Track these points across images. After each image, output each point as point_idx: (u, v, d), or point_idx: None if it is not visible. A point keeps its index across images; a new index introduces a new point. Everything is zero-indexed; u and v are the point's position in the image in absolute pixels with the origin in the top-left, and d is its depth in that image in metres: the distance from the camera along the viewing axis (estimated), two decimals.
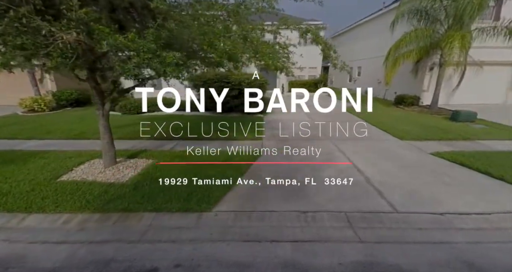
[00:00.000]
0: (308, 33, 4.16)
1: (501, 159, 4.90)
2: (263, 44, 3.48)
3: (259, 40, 3.44)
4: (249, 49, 3.25)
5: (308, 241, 2.77)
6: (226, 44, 3.11)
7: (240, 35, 3.44)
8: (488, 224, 3.07)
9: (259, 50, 3.44)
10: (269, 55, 3.59)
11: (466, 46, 8.31)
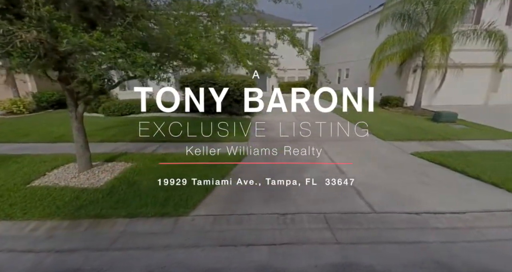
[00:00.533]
0: (284, 34, 4.14)
1: (478, 158, 5.04)
2: (242, 45, 3.43)
3: (237, 41, 3.39)
4: (226, 50, 3.19)
5: (285, 244, 2.73)
6: (203, 45, 3.05)
7: (219, 36, 3.38)
8: (462, 223, 3.13)
9: (238, 50, 3.40)
10: (248, 56, 3.55)
11: (446, 49, 8.58)
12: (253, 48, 3.76)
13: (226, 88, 9.10)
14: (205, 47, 3.14)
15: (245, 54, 3.47)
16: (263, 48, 4.32)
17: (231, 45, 3.37)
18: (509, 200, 3.57)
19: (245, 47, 3.42)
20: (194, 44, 3.09)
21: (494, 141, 6.52)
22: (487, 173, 4.28)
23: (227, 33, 3.37)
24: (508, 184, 3.89)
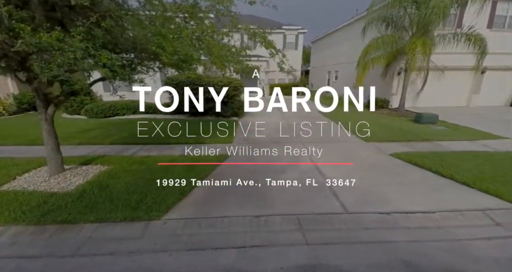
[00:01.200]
0: (255, 36, 4.14)
1: (453, 158, 5.18)
2: (216, 47, 3.41)
3: (211, 42, 3.37)
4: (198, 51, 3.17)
5: (255, 247, 2.72)
6: (176, 46, 3.02)
7: (192, 37, 3.36)
8: (431, 222, 3.19)
9: (212, 52, 3.37)
10: (223, 57, 3.52)
11: (427, 52, 8.82)
12: (227, 49, 3.73)
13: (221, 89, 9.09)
14: (177, 48, 3.11)
15: (219, 56, 3.44)
16: (239, 50, 4.31)
17: (204, 46, 3.35)
18: (479, 200, 3.67)
19: (219, 49, 3.40)
20: (166, 45, 3.05)
21: (471, 141, 6.72)
22: (460, 173, 4.39)
23: (201, 35, 3.35)
24: (480, 184, 4.00)
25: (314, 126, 8.80)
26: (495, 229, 3.05)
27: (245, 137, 7.27)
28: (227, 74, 5.10)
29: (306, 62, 35.53)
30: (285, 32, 21.50)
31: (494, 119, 9.71)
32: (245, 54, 4.47)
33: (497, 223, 3.15)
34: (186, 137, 6.82)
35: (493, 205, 3.52)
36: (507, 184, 3.97)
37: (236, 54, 3.96)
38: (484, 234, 2.94)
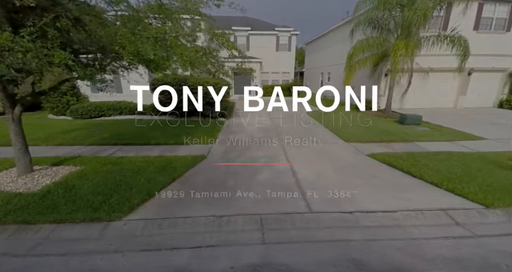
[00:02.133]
0: (216, 38, 4.15)
1: (427, 159, 5.23)
2: (180, 47, 3.42)
3: (173, 42, 3.37)
4: (160, 51, 3.18)
5: (211, 247, 2.72)
6: (138, 46, 3.03)
7: (157, 38, 3.37)
8: (391, 221, 3.22)
9: (175, 53, 3.38)
10: (190, 58, 3.52)
11: (409, 54, 8.92)
12: (195, 50, 3.72)
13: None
14: (139, 48, 3.13)
15: (182, 57, 3.43)
16: (205, 52, 4.28)
17: (169, 47, 3.36)
18: (444, 200, 3.71)
19: (183, 50, 3.41)
20: (127, 45, 3.07)
21: (450, 142, 6.79)
22: (430, 173, 4.44)
23: (164, 35, 3.36)
24: (448, 184, 4.05)
25: (298, 127, 8.86)
26: (454, 228, 3.09)
27: (227, 138, 7.27)
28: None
29: (302, 64, 35.76)
30: (278, 34, 21.62)
31: (478, 121, 9.82)
32: (214, 56, 4.43)
33: (457, 222, 3.19)
34: (168, 138, 6.81)
35: (457, 205, 3.56)
36: (474, 184, 4.02)
37: (203, 56, 3.94)
38: (442, 233, 2.97)
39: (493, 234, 2.95)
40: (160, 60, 3.29)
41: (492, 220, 3.23)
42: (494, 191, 3.78)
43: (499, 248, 2.69)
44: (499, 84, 13.85)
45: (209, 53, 4.25)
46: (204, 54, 3.89)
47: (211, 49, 4.48)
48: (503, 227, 3.10)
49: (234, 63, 21.15)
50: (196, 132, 7.60)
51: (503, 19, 12.77)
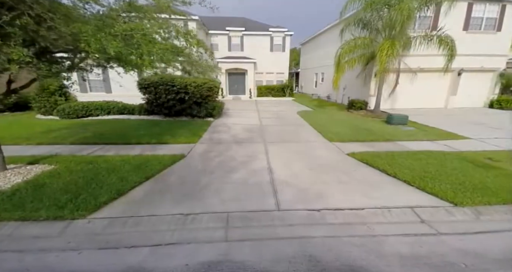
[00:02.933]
0: (180, 35, 4.10)
1: (404, 158, 5.24)
2: (148, 44, 3.39)
3: (139, 39, 3.34)
4: (125, 48, 3.16)
5: (171, 244, 2.72)
6: (104, 43, 3.03)
7: (126, 35, 3.36)
8: (357, 219, 3.22)
9: (143, 50, 3.36)
10: (157, 55, 3.50)
11: (394, 54, 8.94)
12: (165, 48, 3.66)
13: (185, 91, 9.09)
14: (105, 45, 3.12)
15: (148, 54, 3.40)
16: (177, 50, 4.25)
17: (135, 44, 3.34)
18: (413, 197, 3.72)
19: (151, 47, 3.39)
20: (92, 43, 3.06)
21: (433, 142, 6.81)
22: (405, 171, 4.46)
23: (130, 32, 3.34)
24: (419, 182, 4.06)
25: (284, 127, 8.87)
26: (417, 226, 3.09)
27: (211, 137, 7.27)
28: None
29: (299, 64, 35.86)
30: (272, 34, 21.66)
31: (466, 120, 9.86)
32: (181, 53, 4.33)
33: (422, 220, 3.20)
34: (151, 137, 6.79)
35: (426, 202, 3.57)
36: (446, 182, 4.04)
37: (170, 52, 3.85)
38: (404, 230, 2.98)
39: (456, 232, 2.95)
40: (127, 57, 3.28)
41: (458, 218, 3.23)
42: (465, 190, 3.79)
43: (460, 247, 2.69)
44: (490, 84, 13.91)
45: (175, 50, 4.16)
46: (170, 52, 3.80)
47: (181, 48, 4.41)
48: (468, 225, 3.10)
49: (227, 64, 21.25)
50: (181, 131, 7.60)
51: (493, 18, 12.82)
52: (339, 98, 16.94)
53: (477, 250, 2.62)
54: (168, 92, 8.99)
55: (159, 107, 9.43)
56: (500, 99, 13.54)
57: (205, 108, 9.58)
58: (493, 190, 3.79)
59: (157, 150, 5.85)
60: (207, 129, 8.18)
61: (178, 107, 9.36)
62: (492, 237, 2.87)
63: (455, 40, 11.91)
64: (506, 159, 5.26)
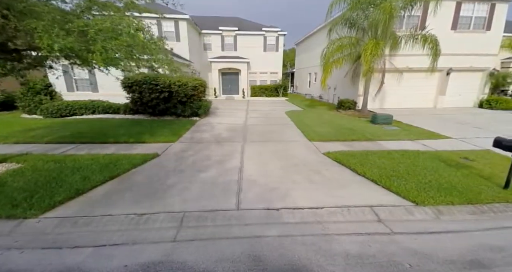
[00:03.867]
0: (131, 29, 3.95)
1: (378, 157, 5.20)
2: (103, 40, 3.32)
3: (93, 35, 3.28)
4: (79, 44, 3.11)
5: (116, 245, 2.66)
6: (52, 39, 2.97)
7: (83, 30, 3.30)
8: (314, 218, 3.18)
9: (96, 47, 3.29)
10: (112, 52, 3.41)
11: (379, 54, 8.91)
12: (116, 44, 3.52)
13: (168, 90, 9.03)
14: (55, 41, 3.06)
15: (100, 50, 3.30)
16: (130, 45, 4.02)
17: (90, 40, 3.29)
18: (377, 196, 3.67)
19: (106, 43, 3.32)
20: (44, 38, 3.01)
21: (413, 141, 6.77)
22: (374, 171, 4.42)
23: (88, 28, 3.28)
24: (386, 181, 4.02)
25: (269, 126, 8.83)
26: (374, 225, 3.05)
27: (192, 136, 7.21)
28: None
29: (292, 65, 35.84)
30: (265, 34, 21.63)
31: (452, 120, 9.83)
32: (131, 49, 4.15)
33: (380, 219, 3.16)
34: (129, 136, 6.73)
35: (387, 201, 3.53)
36: (412, 181, 4.00)
37: (126, 48, 3.70)
38: (359, 230, 2.93)
39: (411, 232, 2.91)
40: (83, 54, 3.22)
41: (417, 218, 3.20)
42: (429, 189, 3.76)
43: (411, 246, 2.65)
44: (480, 84, 13.89)
45: (136, 47, 4.03)
46: (126, 47, 3.68)
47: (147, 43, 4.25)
48: (425, 225, 3.06)
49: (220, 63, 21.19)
50: (162, 130, 7.54)
51: (482, 18, 12.78)
52: (330, 98, 16.90)
53: (428, 250, 2.58)
54: (151, 91, 8.93)
55: (143, 106, 9.37)
56: (490, 98, 13.52)
57: (190, 107, 9.52)
58: (459, 189, 3.75)
59: (132, 149, 5.80)
60: (189, 128, 8.13)
61: (162, 106, 9.30)
62: (447, 237, 2.83)
63: (443, 39, 11.91)
64: (481, 158, 5.23)
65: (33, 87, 10.30)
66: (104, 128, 7.61)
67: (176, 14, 16.28)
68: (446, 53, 12.64)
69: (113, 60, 3.54)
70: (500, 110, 12.74)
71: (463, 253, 2.54)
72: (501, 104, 12.99)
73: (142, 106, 9.36)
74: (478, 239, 2.77)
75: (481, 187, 3.81)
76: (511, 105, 12.93)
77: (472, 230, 2.94)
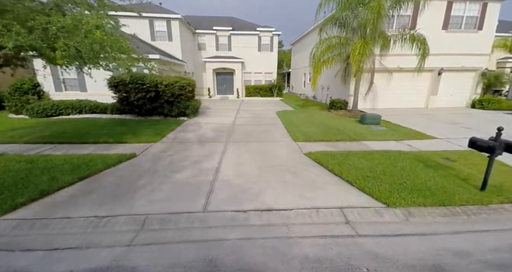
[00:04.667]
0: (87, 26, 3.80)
1: (358, 157, 5.11)
2: (65, 38, 3.23)
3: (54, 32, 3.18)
4: (38, 42, 3.02)
5: (68, 249, 2.57)
6: (10, 37, 2.88)
7: (47, 28, 3.21)
8: (281, 220, 3.09)
9: (58, 45, 3.19)
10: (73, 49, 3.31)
11: (367, 53, 8.84)
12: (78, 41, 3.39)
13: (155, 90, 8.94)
14: (21, 39, 2.97)
15: (60, 48, 3.20)
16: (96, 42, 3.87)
17: (52, 38, 3.20)
18: (349, 198, 3.59)
19: (68, 40, 3.22)
20: (5, 35, 2.92)
21: (398, 141, 6.70)
22: (351, 171, 4.34)
23: (50, 25, 3.19)
24: (360, 182, 3.95)
25: (257, 126, 8.74)
26: (340, 227, 2.97)
27: (175, 136, 7.12)
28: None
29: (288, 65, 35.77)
30: (260, 34, 21.55)
31: (442, 120, 9.76)
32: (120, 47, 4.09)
33: (348, 221, 3.08)
34: (110, 136, 6.63)
35: (358, 203, 3.45)
36: (386, 182, 3.92)
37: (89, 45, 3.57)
38: (323, 232, 2.85)
39: (376, 234, 2.83)
40: (45, 52, 3.14)
41: (386, 220, 3.12)
42: (403, 190, 3.68)
43: (373, 250, 2.57)
44: (472, 84, 13.83)
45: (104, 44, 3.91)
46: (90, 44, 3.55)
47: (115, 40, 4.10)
48: (392, 227, 2.98)
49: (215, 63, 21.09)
50: (146, 130, 7.44)
51: (474, 17, 12.72)
52: (324, 98, 16.85)
53: (390, 254, 2.50)
54: (138, 91, 8.84)
55: (130, 106, 9.27)
56: (482, 99, 13.47)
57: (177, 107, 9.43)
58: (433, 190, 3.68)
59: (111, 149, 5.71)
60: (175, 128, 8.03)
61: (149, 106, 9.20)
62: (412, 240, 2.75)
63: (434, 39, 11.90)
64: (463, 159, 5.15)
65: (20, 87, 10.19)
66: (87, 128, 7.51)
67: (168, 13, 16.22)
68: (438, 53, 12.64)
69: (75, 58, 3.44)
70: (492, 110, 12.69)
71: (426, 257, 2.46)
72: (493, 104, 12.94)
73: (129, 105, 9.27)
74: (445, 243, 2.69)
75: (456, 189, 3.74)
76: (503, 105, 12.90)
77: (440, 233, 2.86)
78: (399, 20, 11.50)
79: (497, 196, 3.58)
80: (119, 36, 3.95)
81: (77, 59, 3.47)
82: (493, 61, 20.74)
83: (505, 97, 16.18)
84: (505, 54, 18.48)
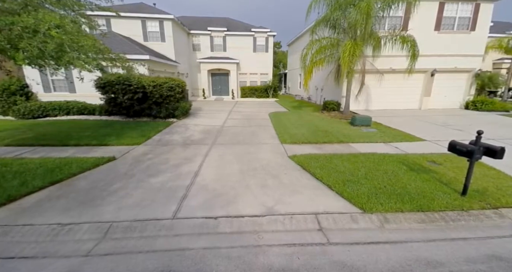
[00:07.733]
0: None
1: (341, 160, 5.02)
2: (30, 39, 3.11)
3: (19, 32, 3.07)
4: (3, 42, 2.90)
5: (24, 258, 2.45)
6: None
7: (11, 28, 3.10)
8: (252, 227, 2.98)
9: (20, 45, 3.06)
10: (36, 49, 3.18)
11: (357, 54, 8.76)
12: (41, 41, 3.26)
13: (143, 91, 8.82)
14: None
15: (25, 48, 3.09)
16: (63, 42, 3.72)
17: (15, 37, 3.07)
18: (326, 203, 3.48)
19: (31, 41, 3.10)
20: None
21: (386, 144, 6.60)
22: (332, 175, 4.24)
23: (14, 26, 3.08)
24: (339, 187, 3.84)
25: (246, 128, 8.63)
26: (311, 234, 2.85)
27: (160, 139, 7.00)
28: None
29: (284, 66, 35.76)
30: (255, 35, 21.49)
31: (434, 122, 9.68)
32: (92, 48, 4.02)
33: (321, 228, 2.97)
34: (93, 139, 6.50)
35: (335, 208, 3.34)
36: (366, 187, 3.82)
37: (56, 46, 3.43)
38: (293, 240, 2.74)
39: (348, 242, 2.72)
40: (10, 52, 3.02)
41: (360, 227, 3.01)
42: (381, 195, 3.58)
43: (341, 259, 2.45)
44: (465, 85, 13.78)
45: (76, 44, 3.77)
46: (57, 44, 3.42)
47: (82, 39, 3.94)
48: (365, 234, 2.87)
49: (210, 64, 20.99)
50: (131, 132, 7.32)
51: (466, 18, 12.66)
52: (318, 99, 16.77)
53: (358, 264, 2.39)
54: (125, 92, 8.71)
55: (118, 107, 9.15)
56: (476, 100, 13.41)
57: (165, 108, 9.31)
58: (412, 195, 3.57)
59: (91, 152, 5.58)
60: (161, 130, 7.91)
61: (137, 107, 9.09)
62: (384, 249, 2.63)
63: (427, 40, 11.87)
64: (449, 162, 5.05)
65: (8, 88, 10.06)
66: (72, 130, 7.38)
67: (161, 14, 16.11)
68: (430, 54, 12.60)
69: (39, 58, 3.32)
70: (486, 111, 12.63)
71: (395, 267, 2.35)
72: (486, 105, 12.88)
73: (117, 107, 9.14)
74: (417, 252, 2.58)
75: (436, 193, 3.64)
76: (497, 107, 12.85)
77: (414, 241, 2.75)
78: (390, 21, 11.44)
79: (478, 202, 3.48)
80: (81, 35, 3.81)
81: (41, 59, 3.34)
82: (490, 63, 20.84)
83: (500, 98, 16.19)
84: (501, 55, 18.48)
